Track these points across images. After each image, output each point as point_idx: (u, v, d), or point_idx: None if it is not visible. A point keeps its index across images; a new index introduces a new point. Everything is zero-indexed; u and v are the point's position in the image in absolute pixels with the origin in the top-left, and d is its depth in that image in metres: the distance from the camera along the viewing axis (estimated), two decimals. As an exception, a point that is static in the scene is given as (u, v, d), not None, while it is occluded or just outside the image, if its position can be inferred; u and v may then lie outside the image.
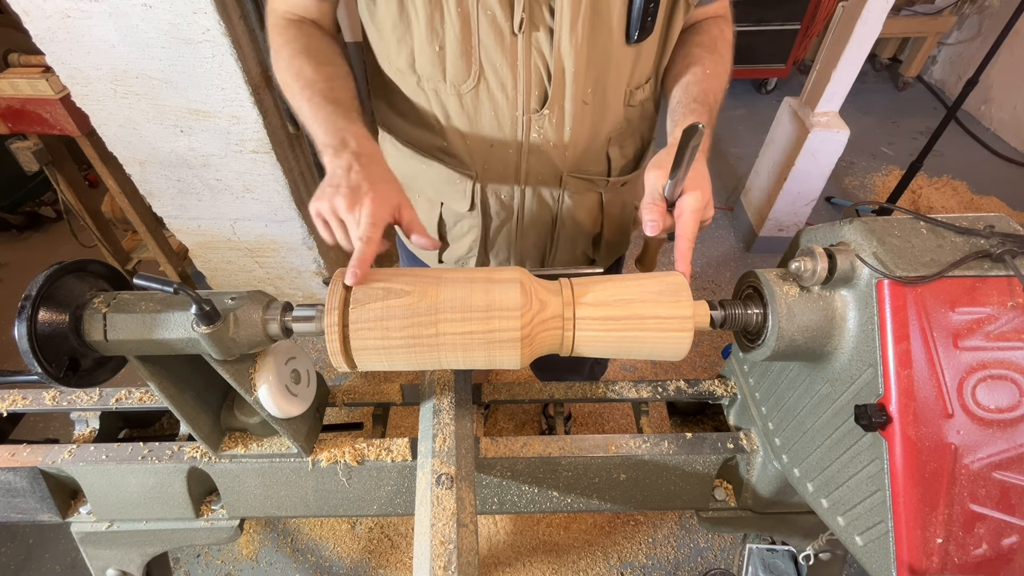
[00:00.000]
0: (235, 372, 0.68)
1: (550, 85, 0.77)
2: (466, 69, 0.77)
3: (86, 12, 1.37)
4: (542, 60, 0.76)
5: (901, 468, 0.55)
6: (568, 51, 0.74)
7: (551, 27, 0.73)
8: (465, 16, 0.72)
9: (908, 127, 3.63)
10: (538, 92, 0.79)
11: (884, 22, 1.90)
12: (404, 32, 0.77)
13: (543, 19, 0.72)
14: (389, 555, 1.73)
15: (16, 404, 0.92)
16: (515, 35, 0.73)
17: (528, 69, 0.76)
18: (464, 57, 0.75)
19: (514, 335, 0.62)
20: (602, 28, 0.75)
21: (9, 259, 2.73)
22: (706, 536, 1.76)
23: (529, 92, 0.78)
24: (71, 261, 0.66)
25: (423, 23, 0.73)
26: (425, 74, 0.80)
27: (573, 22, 0.72)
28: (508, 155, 0.86)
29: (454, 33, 0.73)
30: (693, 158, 0.62)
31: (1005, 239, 0.56)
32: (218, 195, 1.83)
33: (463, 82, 0.78)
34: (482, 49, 0.74)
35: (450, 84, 0.79)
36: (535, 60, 0.75)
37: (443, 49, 0.76)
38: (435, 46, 0.75)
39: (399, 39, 0.78)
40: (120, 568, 0.94)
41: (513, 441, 0.86)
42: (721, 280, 2.62)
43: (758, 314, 0.67)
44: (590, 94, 0.81)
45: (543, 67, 0.76)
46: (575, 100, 0.79)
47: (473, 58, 0.75)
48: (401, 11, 0.74)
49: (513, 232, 0.97)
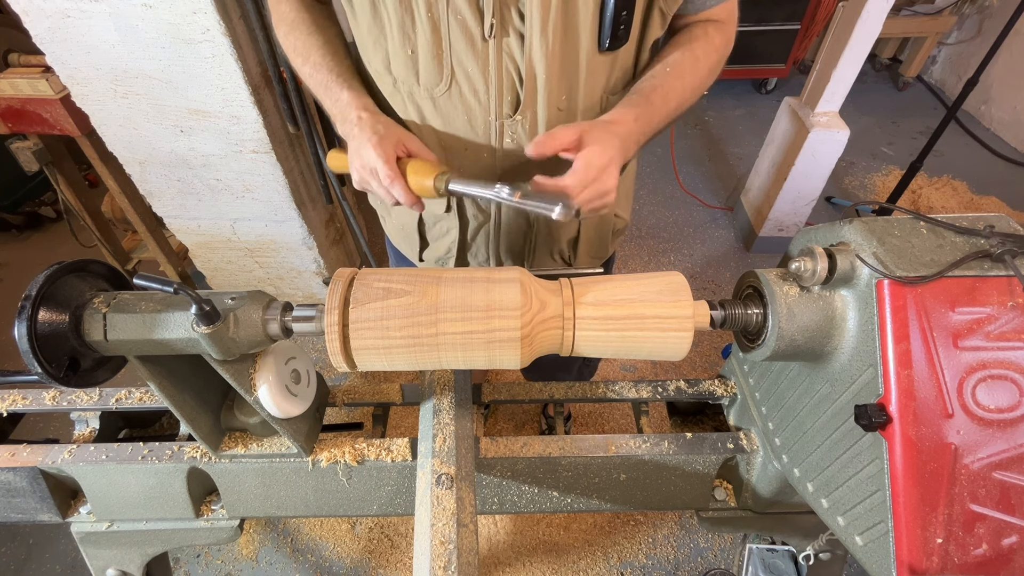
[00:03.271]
0: (235, 372, 0.68)
1: (523, 91, 0.77)
2: (438, 73, 0.77)
3: (86, 12, 1.37)
4: (514, 65, 0.76)
5: (901, 468, 0.55)
6: (539, 57, 0.74)
7: (522, 32, 0.72)
8: (435, 21, 0.72)
9: (908, 127, 3.63)
10: (511, 97, 0.78)
11: (884, 22, 1.90)
12: (379, 35, 0.77)
13: (513, 24, 0.72)
14: (389, 555, 1.73)
15: (16, 404, 0.92)
16: (486, 40, 0.73)
17: (500, 74, 0.76)
18: (436, 61, 0.75)
19: (514, 335, 0.62)
20: (573, 35, 0.74)
21: (9, 259, 2.73)
22: (706, 536, 1.76)
23: (501, 97, 0.78)
24: (71, 261, 0.66)
25: (395, 27, 0.74)
26: (400, 76, 0.80)
27: (543, 28, 0.71)
28: (483, 158, 0.85)
29: (425, 37, 0.73)
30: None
31: (1005, 239, 0.56)
32: (218, 195, 1.83)
33: (435, 86, 0.78)
34: (453, 54, 0.74)
35: (423, 88, 0.79)
36: (507, 65, 0.75)
37: (415, 53, 0.76)
38: (407, 50, 0.76)
39: (374, 41, 0.78)
40: (120, 568, 0.94)
41: (513, 441, 0.86)
42: (721, 280, 2.62)
43: (758, 314, 0.67)
44: (564, 100, 0.80)
45: (515, 73, 0.76)
46: (549, 106, 0.79)
47: (444, 62, 0.75)
48: (375, 14, 0.75)
49: (490, 234, 0.97)
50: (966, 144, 3.45)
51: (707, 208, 3.02)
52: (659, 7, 0.78)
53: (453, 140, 0.84)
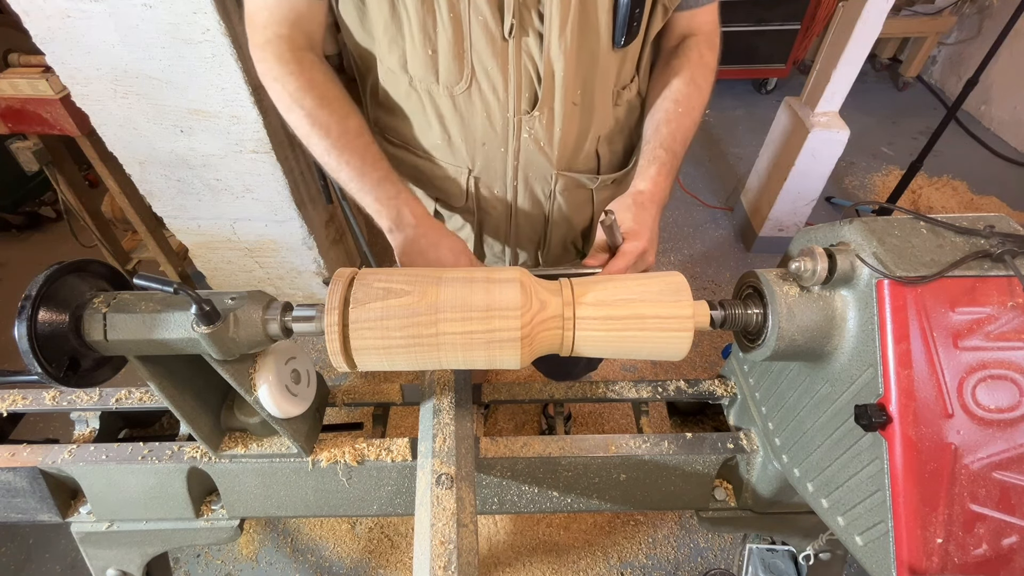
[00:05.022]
0: (235, 372, 0.68)
1: (540, 88, 0.79)
2: (458, 72, 0.77)
3: (86, 12, 1.37)
4: (532, 64, 0.77)
5: (901, 468, 0.55)
6: (557, 55, 0.75)
7: (541, 32, 0.74)
8: (457, 21, 0.73)
9: (908, 127, 3.63)
10: (528, 94, 0.80)
11: (884, 22, 1.90)
12: (396, 34, 0.77)
13: (533, 24, 0.73)
14: (389, 555, 1.73)
15: (16, 404, 0.92)
16: (505, 40, 0.74)
17: (519, 72, 0.77)
18: (456, 60, 0.76)
19: (514, 335, 0.62)
20: (590, 33, 0.76)
21: (9, 259, 2.73)
22: (706, 536, 1.76)
23: (520, 94, 0.79)
24: (71, 261, 0.65)
25: (415, 27, 0.74)
26: (417, 75, 0.80)
27: (562, 28, 0.73)
28: (500, 153, 0.87)
29: (446, 38, 0.74)
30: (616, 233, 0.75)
31: (1005, 239, 0.56)
32: (218, 195, 1.83)
33: (455, 84, 0.79)
34: (474, 53, 0.75)
35: (443, 86, 0.80)
36: (525, 64, 0.77)
37: (436, 53, 0.76)
38: (428, 50, 0.76)
39: (391, 41, 0.78)
40: (120, 568, 0.94)
41: (513, 441, 0.86)
42: (721, 280, 2.62)
43: (758, 314, 0.67)
44: (579, 95, 0.82)
45: (533, 70, 0.78)
46: (564, 102, 0.81)
47: (465, 61, 0.76)
48: (393, 14, 0.75)
49: (507, 226, 0.98)
50: (966, 144, 3.45)
51: (707, 208, 3.02)
52: (662, 3, 0.80)
53: (471, 136, 0.85)
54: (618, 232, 0.75)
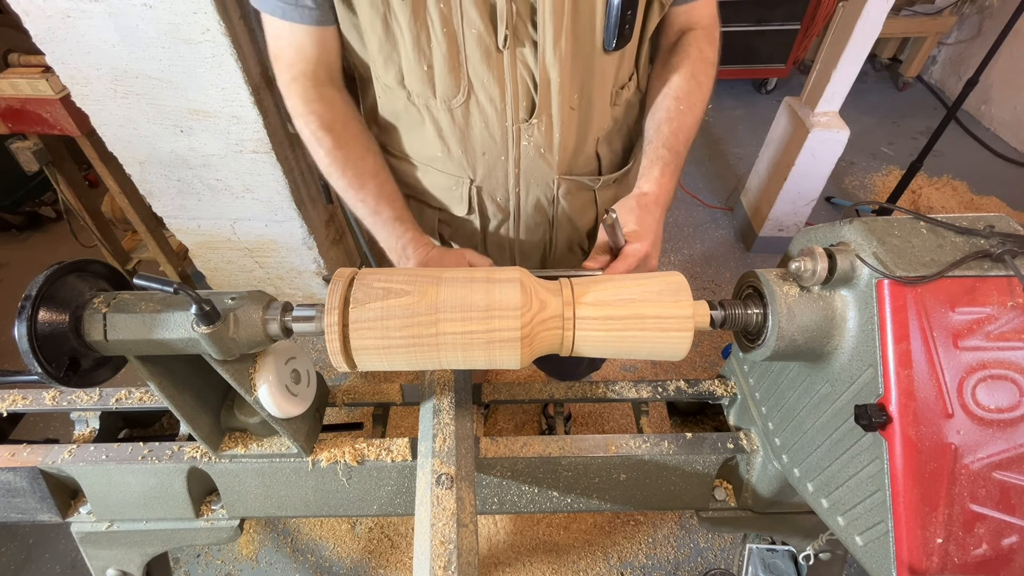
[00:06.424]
0: (235, 372, 0.68)
1: (537, 95, 0.78)
2: (455, 85, 0.78)
3: (86, 12, 1.37)
4: (528, 73, 0.77)
5: (901, 468, 0.55)
6: (553, 63, 0.75)
7: (535, 40, 0.74)
8: (451, 35, 0.73)
9: (908, 127, 3.63)
10: (526, 103, 0.80)
11: (884, 22, 1.90)
12: (391, 51, 0.77)
13: (527, 34, 0.73)
14: (389, 555, 1.73)
15: (16, 404, 0.92)
16: (500, 51, 0.74)
17: (515, 82, 0.77)
18: (452, 74, 0.76)
19: (514, 335, 0.62)
20: (585, 38, 0.76)
21: (9, 259, 2.73)
22: (706, 536, 1.76)
23: (517, 103, 0.79)
24: (71, 261, 0.66)
25: (409, 43, 0.74)
26: (415, 90, 0.81)
27: (556, 35, 0.73)
28: (500, 162, 0.87)
29: (441, 52, 0.74)
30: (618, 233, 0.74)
31: (1005, 239, 0.56)
32: (218, 195, 1.83)
33: (453, 97, 0.79)
34: (470, 66, 0.76)
35: (440, 100, 0.80)
36: (521, 73, 0.77)
37: (431, 67, 0.77)
38: (423, 65, 0.76)
39: (386, 58, 0.78)
40: (120, 568, 0.94)
41: (513, 441, 0.86)
42: (721, 280, 2.62)
43: (758, 314, 0.67)
44: (576, 100, 0.82)
45: (529, 79, 0.78)
46: (562, 107, 0.80)
47: (461, 74, 0.76)
48: (387, 32, 0.75)
49: (511, 233, 0.98)
50: (966, 144, 3.45)
51: (707, 208, 3.02)
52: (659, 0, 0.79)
53: (470, 147, 0.85)
54: (620, 232, 0.75)
